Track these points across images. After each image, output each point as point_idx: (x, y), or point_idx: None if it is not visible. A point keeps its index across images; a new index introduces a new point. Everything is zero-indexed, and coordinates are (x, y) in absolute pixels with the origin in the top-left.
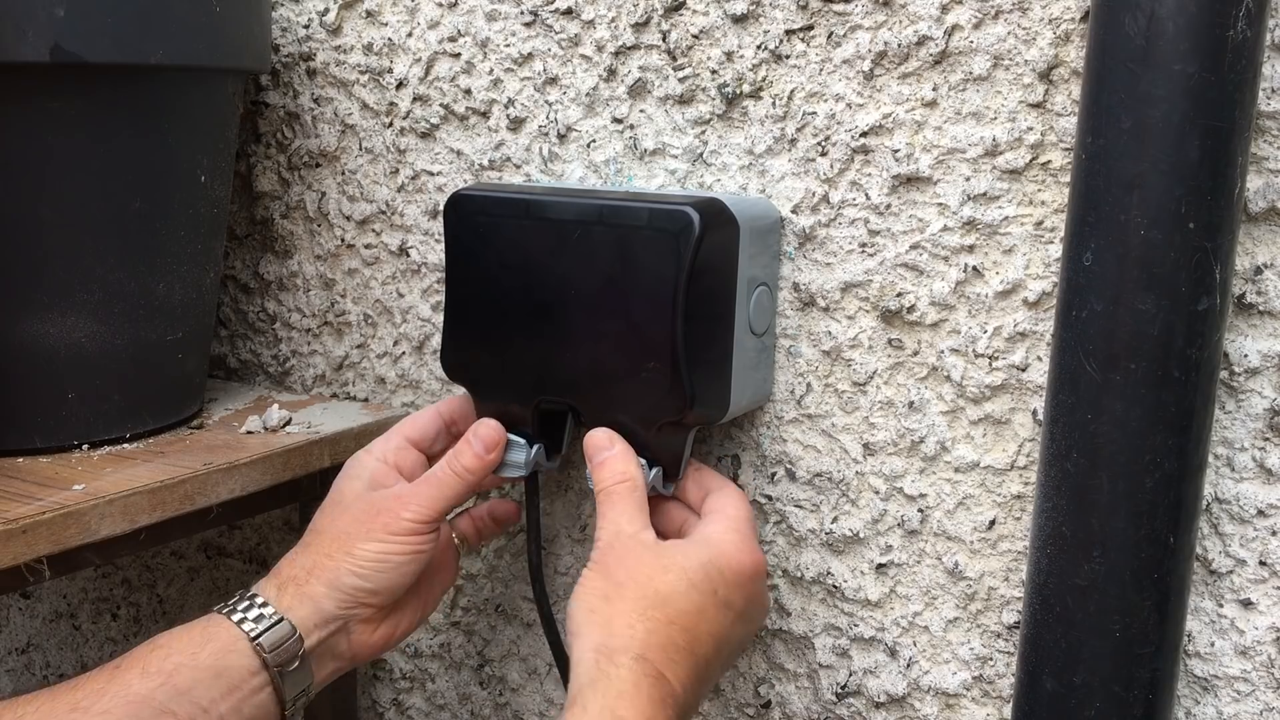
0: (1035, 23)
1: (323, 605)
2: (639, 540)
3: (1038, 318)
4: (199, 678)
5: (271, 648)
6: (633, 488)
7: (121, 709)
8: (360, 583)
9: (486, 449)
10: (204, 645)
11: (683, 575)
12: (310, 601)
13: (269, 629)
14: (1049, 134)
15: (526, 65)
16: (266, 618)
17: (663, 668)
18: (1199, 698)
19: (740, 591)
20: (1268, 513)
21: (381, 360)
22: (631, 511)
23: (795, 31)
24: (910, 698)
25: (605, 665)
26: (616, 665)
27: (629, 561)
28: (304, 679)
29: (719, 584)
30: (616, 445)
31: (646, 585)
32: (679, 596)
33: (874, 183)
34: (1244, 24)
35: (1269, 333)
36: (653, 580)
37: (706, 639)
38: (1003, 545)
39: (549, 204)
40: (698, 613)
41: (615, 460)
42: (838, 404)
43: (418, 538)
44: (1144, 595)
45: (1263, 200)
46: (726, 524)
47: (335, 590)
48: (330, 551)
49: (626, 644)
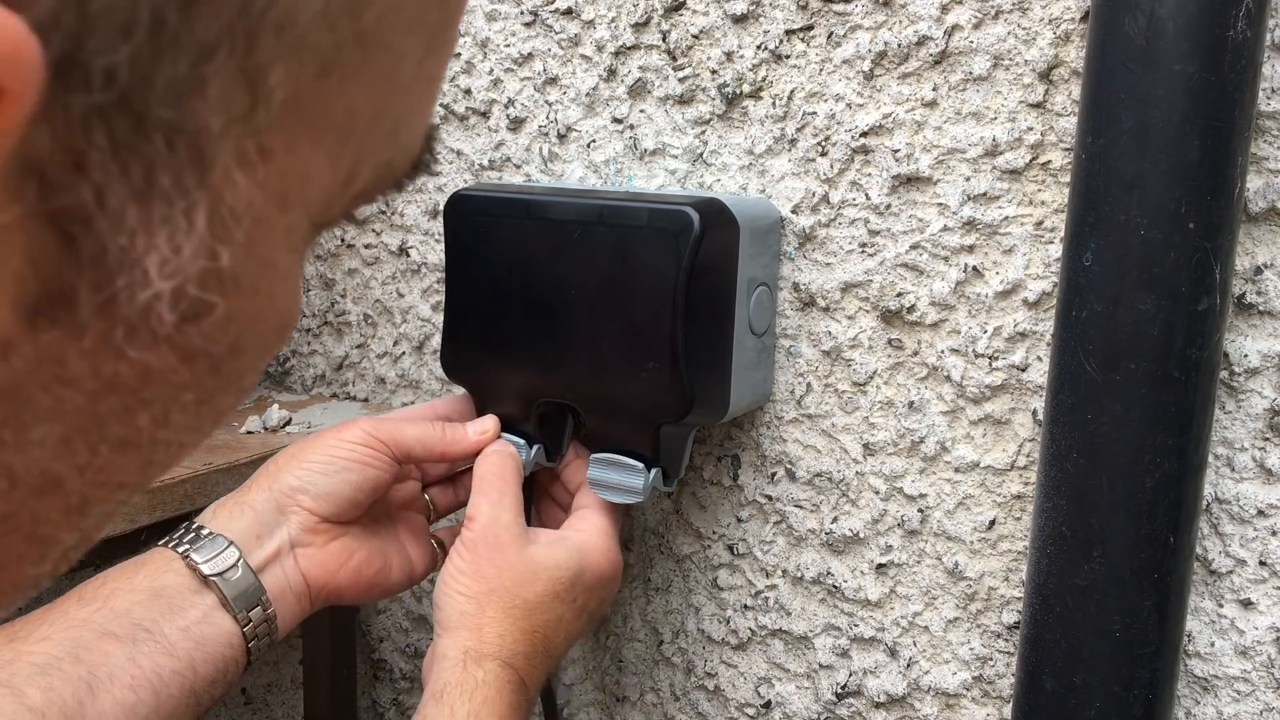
0: (1035, 23)
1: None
2: (513, 534)
3: (1038, 318)
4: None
5: (205, 560)
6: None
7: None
8: (298, 482)
9: (478, 430)
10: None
11: (550, 586)
12: (249, 510)
13: (201, 544)
14: (1049, 134)
15: (526, 65)
16: (201, 536)
17: (524, 674)
18: (1199, 698)
19: (596, 596)
20: (1268, 513)
21: (381, 360)
22: (509, 500)
23: (795, 31)
24: (910, 698)
25: (473, 669)
26: (484, 670)
27: (499, 560)
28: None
29: (580, 593)
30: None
31: (516, 595)
32: (544, 608)
33: (874, 183)
34: (1244, 24)
35: (1269, 333)
36: (522, 589)
37: (561, 642)
38: (1003, 545)
39: (549, 204)
40: (557, 622)
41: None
42: (838, 404)
43: (368, 449)
44: (1144, 595)
45: (1263, 200)
46: (597, 528)
47: (273, 492)
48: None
49: (496, 651)
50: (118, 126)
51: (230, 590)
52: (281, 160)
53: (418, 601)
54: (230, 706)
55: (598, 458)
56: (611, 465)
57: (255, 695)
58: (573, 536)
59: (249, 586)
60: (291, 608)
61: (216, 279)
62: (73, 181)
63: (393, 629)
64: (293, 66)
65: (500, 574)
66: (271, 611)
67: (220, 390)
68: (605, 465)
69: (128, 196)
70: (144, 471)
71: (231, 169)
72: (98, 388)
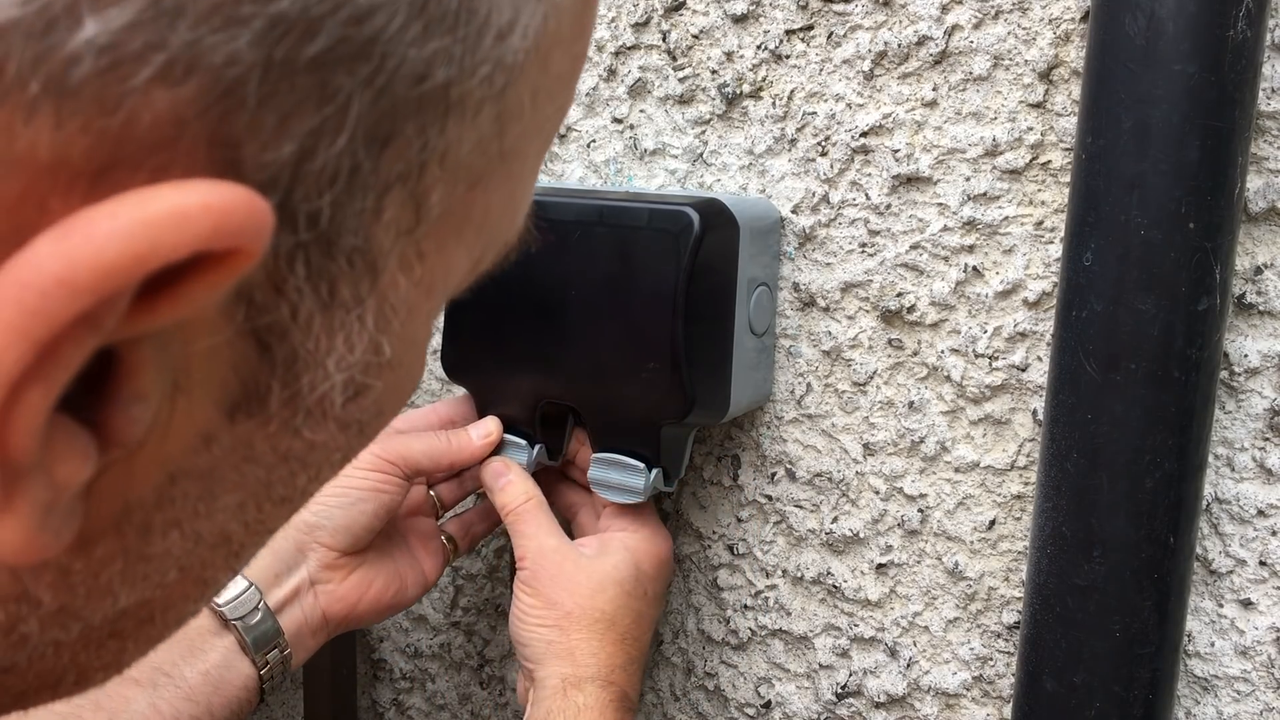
0: (1035, 23)
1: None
2: (564, 555)
3: (1038, 318)
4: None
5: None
6: (538, 504)
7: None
8: (314, 518)
9: (481, 435)
10: None
11: (619, 588)
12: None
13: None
14: (1049, 134)
15: None
16: None
17: (624, 685)
18: (1199, 698)
19: (661, 579)
20: (1268, 513)
21: None
22: (547, 525)
23: (795, 31)
24: (910, 698)
25: (574, 694)
26: (584, 694)
27: (561, 580)
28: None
29: (647, 583)
30: (512, 471)
31: (593, 609)
32: (622, 613)
33: (874, 183)
34: (1244, 24)
35: (1269, 333)
36: (596, 601)
37: (646, 635)
38: (1003, 545)
39: (549, 204)
40: (637, 620)
41: (515, 484)
42: (838, 404)
43: (380, 475)
44: (1144, 595)
45: (1263, 200)
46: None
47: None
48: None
49: (593, 673)
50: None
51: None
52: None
53: (418, 601)
54: None
55: (598, 458)
56: (612, 465)
57: None
58: (617, 535)
59: (268, 629)
60: (307, 644)
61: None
62: (274, 303)
63: (393, 629)
64: (449, 186)
65: (571, 595)
66: (288, 653)
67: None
68: (606, 465)
69: (316, 309)
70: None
71: (396, 274)
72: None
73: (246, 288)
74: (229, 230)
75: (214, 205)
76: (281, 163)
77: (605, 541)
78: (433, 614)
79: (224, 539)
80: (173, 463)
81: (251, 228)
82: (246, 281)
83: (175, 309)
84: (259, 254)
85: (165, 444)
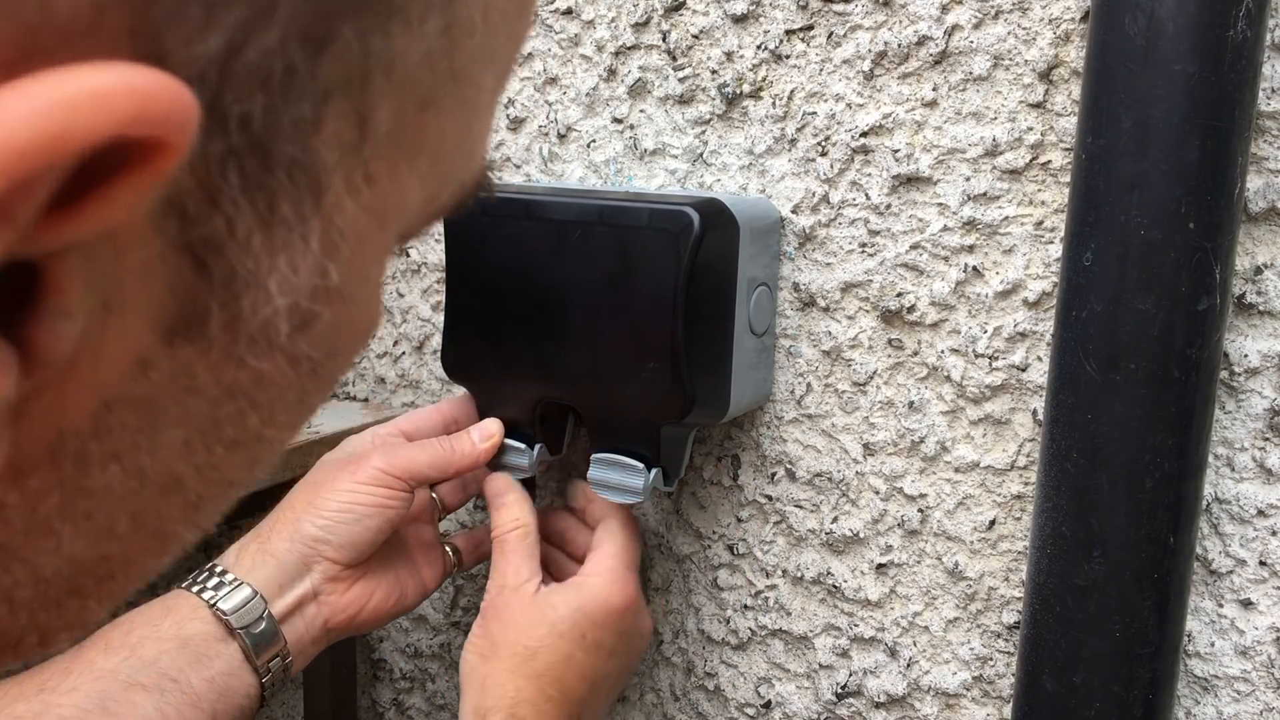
0: (1035, 23)
1: (284, 560)
2: (519, 593)
3: (1038, 318)
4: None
5: (232, 610)
6: (524, 534)
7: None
8: (319, 533)
9: (483, 437)
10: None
11: (551, 628)
12: (271, 560)
13: (228, 593)
14: (1049, 134)
15: (526, 65)
16: (226, 584)
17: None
18: (1199, 698)
19: (610, 630)
20: (1268, 513)
21: (381, 360)
22: (519, 562)
23: (795, 31)
24: (910, 698)
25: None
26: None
27: (505, 616)
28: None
29: (586, 628)
30: (511, 492)
31: (516, 643)
32: (546, 650)
33: (874, 183)
34: (1244, 24)
35: (1269, 333)
36: (522, 637)
37: (577, 683)
38: (1003, 545)
39: (549, 204)
40: (565, 661)
41: (510, 507)
42: (838, 404)
43: (385, 490)
44: (1144, 595)
45: (1263, 200)
46: (600, 563)
47: (295, 542)
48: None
49: (497, 703)
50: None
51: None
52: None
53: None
54: None
55: (598, 458)
56: (612, 465)
57: None
58: (578, 579)
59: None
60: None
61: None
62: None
63: (393, 629)
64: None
65: (505, 629)
66: (289, 661)
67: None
68: (606, 465)
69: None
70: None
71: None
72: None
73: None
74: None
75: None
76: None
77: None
78: (433, 614)
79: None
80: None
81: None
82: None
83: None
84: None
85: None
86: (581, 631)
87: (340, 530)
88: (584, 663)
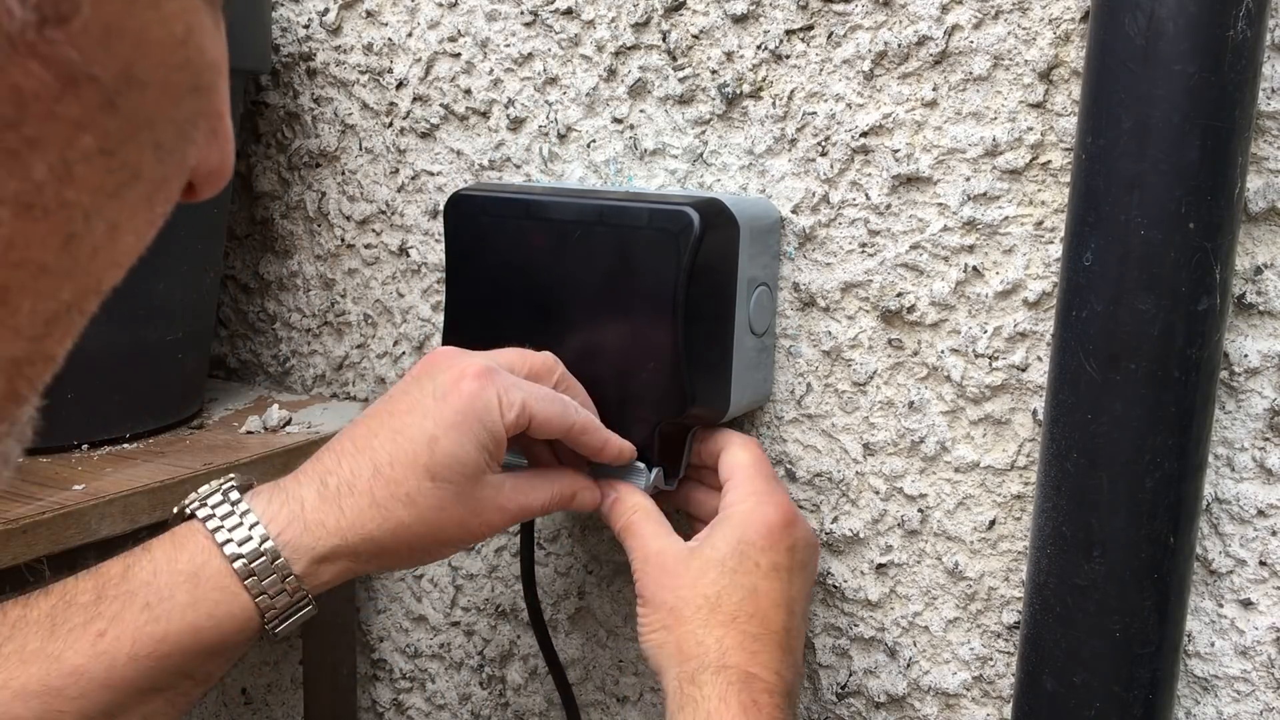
0: (1035, 23)
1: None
2: (669, 553)
3: (1038, 318)
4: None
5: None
6: (645, 513)
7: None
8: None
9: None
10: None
11: (720, 568)
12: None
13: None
14: (1049, 134)
15: (526, 65)
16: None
17: (748, 666)
18: (1199, 698)
19: (780, 549)
20: (1268, 513)
21: (381, 360)
22: (653, 529)
23: (795, 31)
24: (910, 698)
25: (690, 690)
26: (699, 686)
27: (667, 581)
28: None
29: (757, 556)
30: (618, 487)
31: (694, 597)
32: (727, 592)
33: (874, 183)
34: (1244, 24)
35: (1269, 333)
36: (697, 589)
37: (773, 612)
38: (1003, 545)
39: (549, 204)
40: (752, 596)
41: (625, 497)
42: (838, 404)
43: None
44: (1144, 595)
45: (1263, 200)
46: (738, 490)
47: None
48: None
49: (702, 662)
50: None
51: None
52: None
53: (417, 601)
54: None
55: None
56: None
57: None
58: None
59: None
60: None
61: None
62: None
63: (393, 629)
64: None
65: (673, 591)
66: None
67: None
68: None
69: None
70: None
71: None
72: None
73: None
74: None
75: None
76: None
77: (712, 525)
78: (433, 614)
79: None
80: None
81: None
82: None
83: None
84: None
85: None
86: (754, 561)
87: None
88: (771, 590)
